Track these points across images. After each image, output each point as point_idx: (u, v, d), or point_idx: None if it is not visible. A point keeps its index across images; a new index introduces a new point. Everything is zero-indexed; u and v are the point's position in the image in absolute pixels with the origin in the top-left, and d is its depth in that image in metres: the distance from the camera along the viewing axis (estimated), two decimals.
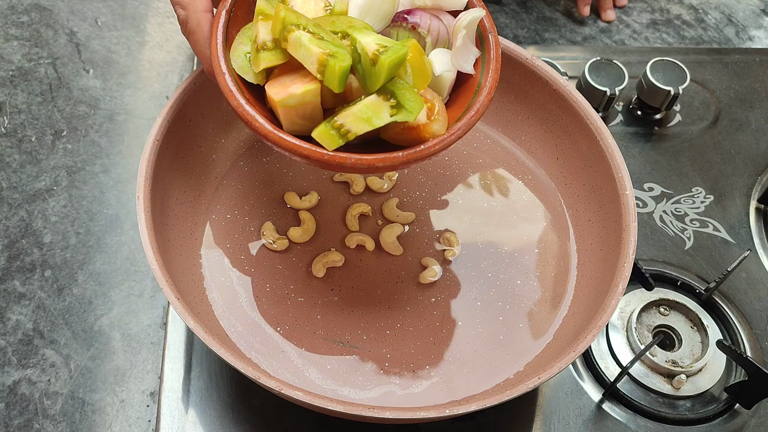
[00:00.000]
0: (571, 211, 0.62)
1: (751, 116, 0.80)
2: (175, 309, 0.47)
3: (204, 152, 0.61)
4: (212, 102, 0.59)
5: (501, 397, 0.46)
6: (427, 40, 0.49)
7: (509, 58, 0.62)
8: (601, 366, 0.61)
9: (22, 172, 0.71)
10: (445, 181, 0.64)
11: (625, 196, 0.56)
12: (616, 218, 0.56)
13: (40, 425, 0.57)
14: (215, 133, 0.61)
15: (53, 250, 0.66)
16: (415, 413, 0.45)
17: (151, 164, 0.53)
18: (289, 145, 0.44)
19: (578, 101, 0.60)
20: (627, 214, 0.55)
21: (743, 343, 0.63)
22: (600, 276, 0.56)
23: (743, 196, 0.73)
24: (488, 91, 0.48)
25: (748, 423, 0.59)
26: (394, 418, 0.45)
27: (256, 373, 0.45)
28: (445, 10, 0.50)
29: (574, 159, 0.62)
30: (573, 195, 0.62)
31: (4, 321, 0.62)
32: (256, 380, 0.45)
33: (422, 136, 0.45)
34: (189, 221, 0.58)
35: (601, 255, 0.57)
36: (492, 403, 0.46)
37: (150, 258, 0.48)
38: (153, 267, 0.48)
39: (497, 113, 0.66)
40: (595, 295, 0.55)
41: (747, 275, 0.67)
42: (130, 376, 0.60)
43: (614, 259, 0.54)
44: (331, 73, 0.43)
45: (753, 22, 0.95)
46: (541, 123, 0.64)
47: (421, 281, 0.58)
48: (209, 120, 0.60)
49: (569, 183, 0.63)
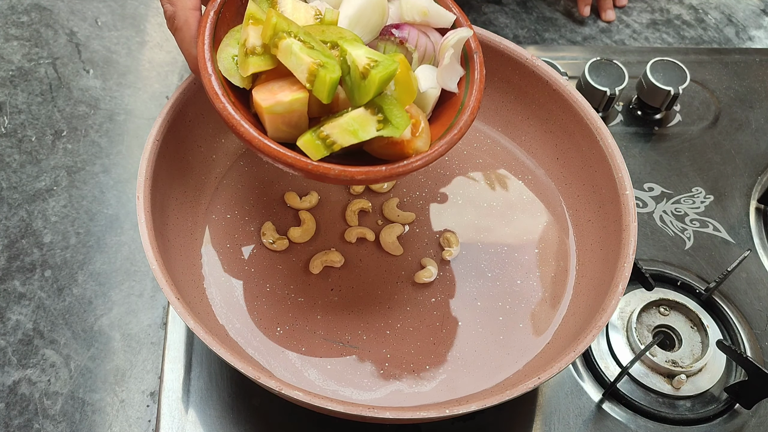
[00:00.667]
0: (571, 211, 0.62)
1: (751, 116, 0.80)
2: (175, 309, 0.47)
3: (204, 152, 0.61)
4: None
5: (501, 397, 0.46)
6: (414, 55, 0.49)
7: (509, 58, 0.62)
8: (601, 366, 0.61)
9: (22, 172, 0.71)
10: (445, 181, 0.64)
11: (625, 196, 0.56)
12: (616, 218, 0.56)
13: (40, 425, 0.57)
14: (215, 133, 0.61)
15: (53, 250, 0.66)
16: (415, 413, 0.45)
17: (151, 164, 0.53)
18: (274, 152, 0.44)
19: (578, 101, 0.60)
20: (627, 214, 0.55)
21: (743, 343, 0.63)
22: (600, 276, 0.56)
23: (743, 196, 0.73)
24: (471, 110, 0.49)
25: (748, 423, 0.59)
26: (393, 418, 0.45)
27: (256, 373, 0.45)
28: (432, 27, 0.50)
29: (574, 159, 0.62)
30: (573, 195, 0.62)
31: (4, 321, 0.62)
32: (256, 380, 0.45)
33: (405, 151, 0.46)
34: (189, 221, 0.58)
35: (601, 255, 0.57)
36: (492, 403, 0.46)
37: (150, 258, 0.48)
38: (153, 267, 0.48)
39: (497, 113, 0.66)
40: (595, 295, 0.55)
41: (747, 275, 0.67)
42: (130, 376, 0.60)
43: (614, 259, 0.54)
44: (320, 83, 0.43)
45: (753, 22, 0.95)
46: (541, 123, 0.64)
47: (416, 281, 0.58)
48: (209, 120, 0.60)
49: (569, 183, 0.63)
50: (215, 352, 0.45)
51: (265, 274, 0.57)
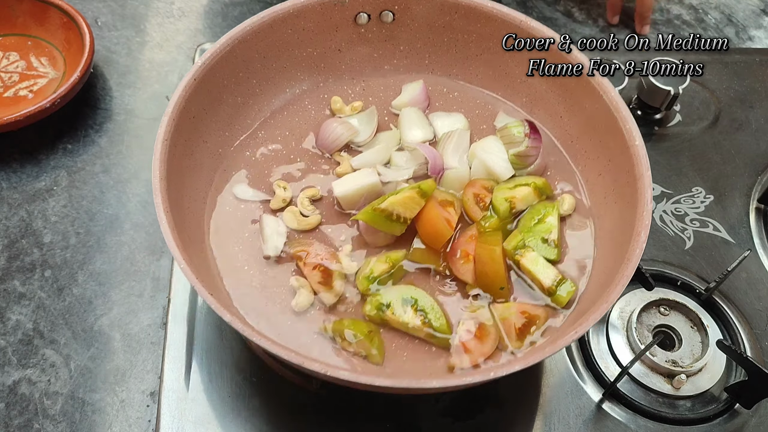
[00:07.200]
0: (580, 167, 0.62)
1: (751, 116, 0.80)
2: (211, 304, 0.46)
3: (210, 147, 0.60)
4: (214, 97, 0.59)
5: (543, 353, 0.45)
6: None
7: (503, 21, 0.62)
8: (601, 366, 0.61)
9: (22, 172, 0.71)
10: None
11: (635, 146, 0.55)
12: (628, 169, 0.55)
13: (40, 425, 0.57)
14: (218, 127, 0.61)
15: (53, 250, 0.66)
16: (462, 378, 0.45)
17: (164, 164, 0.52)
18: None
19: (577, 58, 0.60)
20: (639, 164, 0.54)
21: (743, 343, 0.63)
22: (619, 227, 0.55)
23: (743, 196, 0.73)
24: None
25: (748, 423, 0.59)
26: (440, 386, 0.45)
27: (300, 358, 0.45)
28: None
29: (577, 115, 0.61)
30: (580, 151, 0.62)
31: (4, 321, 0.62)
32: (299, 365, 0.45)
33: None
34: (201, 201, 0.58)
35: (616, 208, 0.57)
36: (539, 359, 0.46)
37: (178, 258, 0.48)
38: (182, 266, 0.47)
39: (496, 79, 0.66)
40: (614, 246, 0.54)
41: (747, 275, 0.67)
42: (130, 376, 0.60)
43: (631, 211, 0.53)
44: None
45: (753, 22, 0.95)
46: (543, 81, 0.63)
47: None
48: (212, 115, 0.60)
49: (575, 140, 0.62)
50: (256, 341, 0.45)
51: (280, 289, 0.57)
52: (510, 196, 0.59)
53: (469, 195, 0.59)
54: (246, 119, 0.63)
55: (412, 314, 0.53)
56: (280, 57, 0.64)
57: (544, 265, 0.55)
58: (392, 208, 0.55)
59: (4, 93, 0.75)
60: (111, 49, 0.82)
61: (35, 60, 0.78)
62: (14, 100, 0.74)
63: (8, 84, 0.76)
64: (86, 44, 0.74)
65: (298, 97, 0.66)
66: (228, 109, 0.62)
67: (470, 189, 0.59)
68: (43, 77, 0.77)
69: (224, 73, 0.60)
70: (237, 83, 0.61)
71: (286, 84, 0.65)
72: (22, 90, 0.75)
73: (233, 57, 0.60)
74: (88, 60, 0.73)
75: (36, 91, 0.75)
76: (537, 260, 0.55)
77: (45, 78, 0.76)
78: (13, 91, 0.75)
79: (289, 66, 0.65)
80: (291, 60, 0.64)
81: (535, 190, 0.59)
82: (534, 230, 0.57)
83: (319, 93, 0.66)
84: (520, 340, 0.53)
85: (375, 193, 0.59)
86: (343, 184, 0.59)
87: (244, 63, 0.61)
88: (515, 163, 0.61)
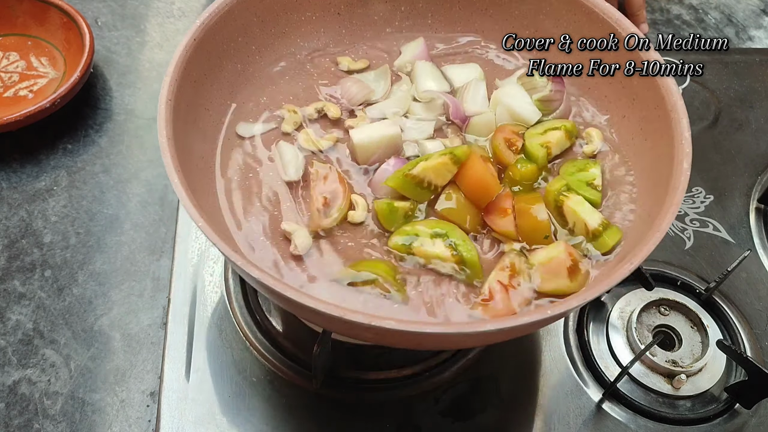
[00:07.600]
0: (602, 111, 0.61)
1: (751, 116, 0.80)
2: (243, 267, 0.43)
3: (213, 115, 0.59)
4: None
5: (597, 290, 0.44)
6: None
7: None
8: (601, 366, 0.61)
9: (22, 172, 0.71)
10: None
11: (662, 78, 0.54)
12: (657, 103, 0.54)
13: (40, 425, 0.57)
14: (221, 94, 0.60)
15: (53, 250, 0.66)
16: (517, 320, 0.43)
17: (170, 125, 0.50)
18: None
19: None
20: (670, 96, 0.53)
21: (743, 343, 0.63)
22: (653, 166, 0.54)
23: (743, 196, 0.73)
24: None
25: (748, 423, 0.59)
26: (495, 329, 0.42)
27: (341, 310, 0.42)
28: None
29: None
30: (600, 97, 0.61)
31: (4, 321, 0.62)
32: (341, 317, 0.42)
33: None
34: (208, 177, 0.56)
35: (647, 146, 0.56)
36: (592, 297, 0.44)
37: (196, 217, 0.45)
38: (199, 223, 0.45)
39: (502, 32, 0.65)
40: (652, 186, 0.54)
41: (747, 275, 0.67)
42: (130, 376, 0.60)
43: (667, 144, 0.52)
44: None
45: (753, 22, 0.95)
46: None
47: None
48: (213, 82, 0.59)
49: (593, 87, 0.61)
50: (298, 300, 0.42)
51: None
52: (545, 142, 0.57)
53: (499, 140, 0.57)
54: (247, 86, 0.62)
55: (442, 246, 0.51)
56: (279, 21, 0.63)
57: (590, 208, 0.53)
58: (424, 174, 0.53)
59: (4, 93, 0.75)
60: (111, 49, 0.82)
61: (35, 60, 0.78)
62: (14, 100, 0.74)
63: (8, 84, 0.76)
64: (86, 44, 0.74)
65: (299, 62, 0.64)
66: (228, 76, 0.60)
67: (500, 134, 0.58)
68: (43, 77, 0.77)
69: (223, 36, 0.59)
70: (236, 48, 0.60)
71: (285, 50, 0.64)
72: (22, 90, 0.75)
73: (232, 19, 0.59)
74: (88, 60, 0.73)
75: (36, 91, 0.75)
76: (582, 203, 0.53)
77: (45, 78, 0.77)
78: (13, 91, 0.75)
79: (288, 31, 0.64)
80: (290, 24, 0.63)
81: (566, 133, 0.58)
82: (577, 176, 0.56)
83: (320, 58, 0.65)
84: (571, 279, 0.51)
85: (393, 147, 0.57)
86: (361, 132, 0.57)
87: (242, 27, 0.60)
88: (540, 108, 0.59)
